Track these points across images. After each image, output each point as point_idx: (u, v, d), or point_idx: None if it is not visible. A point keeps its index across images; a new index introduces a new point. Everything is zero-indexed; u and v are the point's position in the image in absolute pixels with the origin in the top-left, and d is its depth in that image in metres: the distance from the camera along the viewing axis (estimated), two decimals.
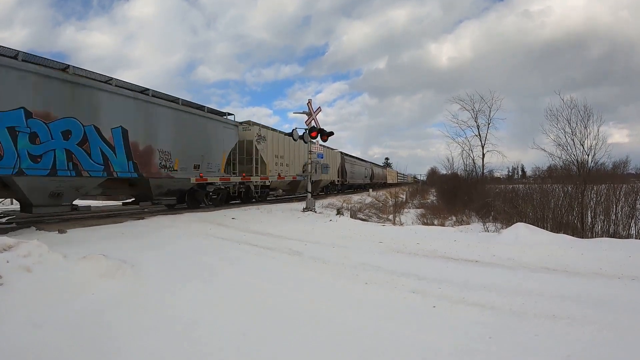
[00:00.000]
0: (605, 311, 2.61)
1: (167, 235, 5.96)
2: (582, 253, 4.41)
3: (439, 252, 4.84)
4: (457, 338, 2.25)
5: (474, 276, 3.66)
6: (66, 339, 2.11)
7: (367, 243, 5.62)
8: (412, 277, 3.63)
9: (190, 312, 2.62)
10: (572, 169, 12.59)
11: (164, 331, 2.29)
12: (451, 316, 2.62)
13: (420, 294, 3.11)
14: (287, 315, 2.62)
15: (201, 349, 2.07)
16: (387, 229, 7.26)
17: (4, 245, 3.15)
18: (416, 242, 5.49)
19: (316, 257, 4.53)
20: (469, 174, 23.48)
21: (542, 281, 3.45)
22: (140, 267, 3.62)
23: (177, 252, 4.67)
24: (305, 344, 2.17)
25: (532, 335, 2.26)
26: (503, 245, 5.05)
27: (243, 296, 3.02)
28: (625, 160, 12.47)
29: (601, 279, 3.50)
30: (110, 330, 2.26)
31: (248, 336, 2.25)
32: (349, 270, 3.91)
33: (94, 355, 1.97)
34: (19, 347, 1.99)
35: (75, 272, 3.11)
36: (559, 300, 2.85)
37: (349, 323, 2.49)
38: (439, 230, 7.45)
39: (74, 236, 5.48)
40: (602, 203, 8.94)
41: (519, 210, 10.36)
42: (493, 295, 3.03)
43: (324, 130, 11.06)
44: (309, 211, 10.48)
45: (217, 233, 6.33)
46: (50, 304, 2.55)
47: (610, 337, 2.22)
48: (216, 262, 4.21)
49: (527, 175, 23.31)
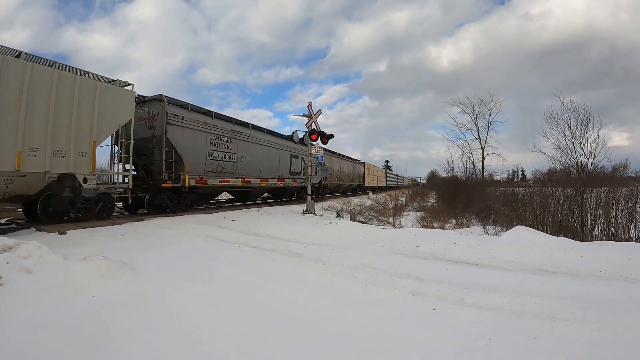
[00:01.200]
0: (605, 313, 2.61)
1: (167, 236, 5.96)
2: (582, 255, 4.41)
3: (439, 255, 4.84)
4: (457, 339, 2.24)
5: (473, 278, 3.66)
6: (66, 339, 2.11)
7: (367, 245, 5.62)
8: (412, 278, 3.63)
9: (190, 313, 2.61)
10: (572, 172, 12.60)
11: (164, 332, 2.28)
12: (451, 317, 2.62)
13: (420, 295, 3.11)
14: (287, 316, 2.62)
15: (201, 349, 2.07)
16: (387, 232, 7.25)
17: (4, 246, 3.16)
18: (416, 244, 5.49)
19: (316, 259, 4.53)
20: (468, 176, 23.56)
21: (541, 283, 3.45)
22: (140, 268, 3.62)
23: (177, 253, 4.67)
24: (305, 344, 2.17)
25: (531, 336, 2.26)
26: (503, 247, 5.05)
27: (243, 297, 3.02)
28: (625, 163, 12.49)
29: (601, 281, 3.50)
30: (110, 331, 2.26)
31: (248, 336, 2.25)
32: (348, 272, 3.91)
33: (93, 356, 1.97)
34: (19, 347, 1.99)
35: (75, 273, 3.11)
36: (559, 302, 2.85)
37: (348, 324, 2.49)
38: (439, 233, 7.44)
39: (74, 237, 5.48)
40: (602, 206, 8.95)
41: (519, 213, 10.38)
42: (493, 296, 3.03)
43: (324, 132, 11.09)
44: (309, 214, 10.48)
45: (217, 235, 6.33)
46: (50, 304, 2.55)
47: (610, 338, 2.22)
48: (216, 263, 4.22)
49: (527, 178, 23.39)
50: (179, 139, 9.77)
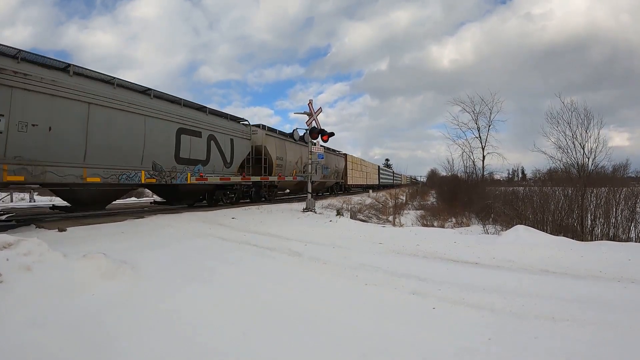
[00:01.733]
0: (606, 313, 2.62)
1: (167, 234, 5.96)
2: (582, 255, 4.41)
3: (439, 254, 4.84)
4: (457, 339, 2.24)
5: (474, 278, 3.66)
6: (66, 338, 2.11)
7: (367, 244, 5.62)
8: (412, 278, 3.63)
9: (190, 313, 2.61)
10: (572, 172, 12.59)
11: (164, 331, 2.28)
12: (451, 317, 2.62)
13: (420, 295, 3.11)
14: (287, 315, 2.61)
15: (201, 349, 2.07)
16: (387, 230, 7.25)
17: (4, 243, 3.15)
18: (416, 243, 5.49)
19: (316, 258, 4.53)
20: (469, 175, 23.55)
21: (542, 283, 3.45)
22: (140, 267, 3.62)
23: (177, 252, 4.66)
24: (305, 344, 2.17)
25: (532, 337, 2.26)
26: (503, 247, 5.04)
27: (243, 296, 3.02)
28: (625, 164, 12.46)
29: (601, 282, 3.50)
30: (110, 330, 2.26)
31: (248, 336, 2.25)
32: (348, 271, 3.91)
33: (93, 356, 1.97)
34: (18, 346, 1.98)
35: (75, 272, 3.10)
36: (559, 302, 2.85)
37: (348, 323, 2.48)
38: (439, 232, 7.44)
39: (74, 234, 5.49)
40: (602, 206, 8.93)
41: (519, 213, 10.36)
42: (493, 296, 3.03)
43: (325, 130, 11.07)
44: (309, 212, 10.47)
45: (217, 233, 6.33)
46: (50, 303, 2.55)
47: (611, 338, 2.22)
48: (216, 262, 4.21)
49: (527, 178, 23.37)
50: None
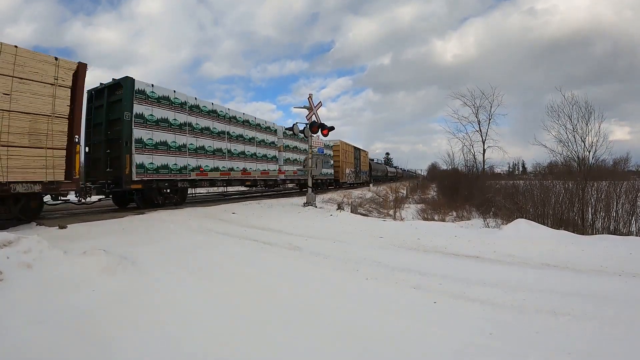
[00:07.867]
0: (607, 307, 2.61)
1: (167, 230, 5.95)
2: (582, 249, 4.41)
3: (440, 248, 4.84)
4: (459, 333, 2.24)
5: (475, 272, 3.66)
6: (67, 335, 2.10)
7: (367, 238, 5.62)
8: (412, 272, 3.63)
9: (191, 308, 2.61)
10: (573, 166, 12.56)
11: (164, 327, 2.28)
12: (452, 311, 2.62)
13: (421, 289, 3.11)
14: (288, 310, 2.61)
15: (202, 344, 2.07)
16: (388, 224, 7.25)
17: (4, 241, 3.15)
18: (417, 237, 5.49)
19: (316, 252, 4.53)
20: (469, 169, 23.50)
21: (543, 277, 3.45)
22: (140, 262, 3.62)
23: (177, 247, 4.66)
24: (305, 338, 2.16)
25: (533, 331, 2.26)
26: (504, 241, 5.04)
27: (244, 291, 3.02)
28: (626, 157, 12.46)
29: (602, 276, 3.50)
30: (110, 326, 2.26)
31: (249, 331, 2.25)
32: (349, 265, 3.91)
33: (94, 352, 1.97)
34: (19, 343, 1.98)
35: (76, 268, 3.11)
36: (560, 296, 2.85)
37: (349, 317, 2.48)
38: (440, 226, 7.44)
39: (74, 231, 5.48)
40: (602, 200, 8.93)
41: (520, 206, 10.36)
42: (494, 291, 3.03)
43: (325, 124, 11.02)
44: (309, 206, 10.47)
45: (218, 228, 6.33)
46: (51, 300, 2.55)
47: (612, 333, 2.22)
48: (217, 257, 4.21)
49: (527, 172, 23.32)
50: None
